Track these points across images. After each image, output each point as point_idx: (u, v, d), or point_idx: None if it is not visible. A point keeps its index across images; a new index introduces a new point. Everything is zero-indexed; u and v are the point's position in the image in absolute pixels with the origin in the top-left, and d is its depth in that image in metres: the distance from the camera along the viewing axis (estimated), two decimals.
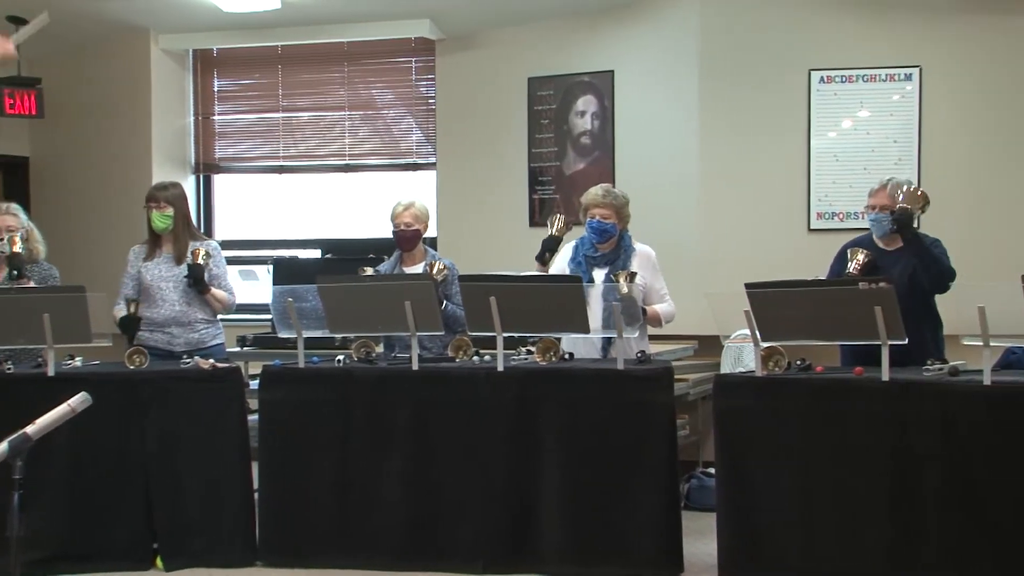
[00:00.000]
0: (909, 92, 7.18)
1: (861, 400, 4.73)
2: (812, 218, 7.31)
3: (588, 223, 5.69)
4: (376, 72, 8.58)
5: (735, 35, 7.35)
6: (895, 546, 4.63)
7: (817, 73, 7.27)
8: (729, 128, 7.36)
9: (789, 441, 4.83)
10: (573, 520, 5.11)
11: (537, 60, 7.90)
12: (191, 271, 5.82)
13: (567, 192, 7.73)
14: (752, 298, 4.84)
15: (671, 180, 7.43)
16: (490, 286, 5.21)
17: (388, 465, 5.33)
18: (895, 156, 7.18)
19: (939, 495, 4.56)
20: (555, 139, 7.88)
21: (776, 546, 4.82)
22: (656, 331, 5.89)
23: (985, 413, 4.50)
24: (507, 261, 6.83)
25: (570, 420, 5.15)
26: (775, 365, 4.99)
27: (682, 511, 5.32)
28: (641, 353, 5.39)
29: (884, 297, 4.63)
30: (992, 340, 4.50)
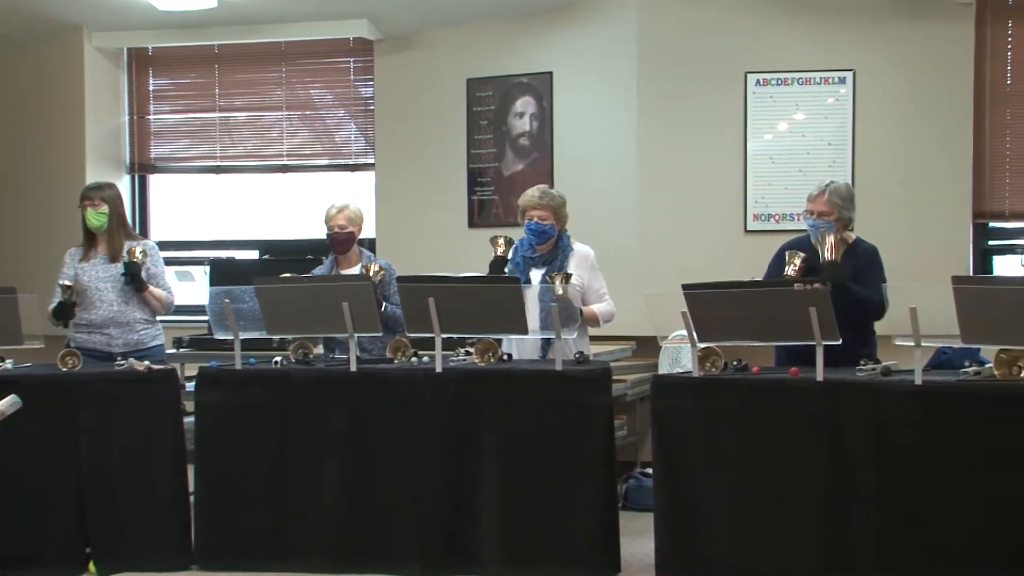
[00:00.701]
0: (843, 95, 7.27)
1: (796, 400, 4.77)
2: (749, 219, 7.37)
3: (526, 225, 5.70)
4: (314, 72, 8.53)
5: (672, 38, 7.40)
6: (830, 545, 4.68)
7: (753, 76, 7.33)
8: (667, 129, 7.41)
9: (726, 441, 4.86)
10: (511, 521, 5.11)
11: (476, 61, 7.89)
12: (128, 268, 5.77)
13: (506, 193, 7.74)
14: (689, 299, 4.87)
15: (609, 181, 7.46)
16: (428, 287, 5.20)
17: (325, 467, 5.30)
18: (830, 158, 7.26)
19: (872, 494, 4.61)
20: (494, 140, 7.88)
21: (713, 546, 4.86)
22: (595, 332, 5.91)
23: (916, 413, 4.56)
24: (446, 262, 6.84)
25: (508, 421, 5.15)
26: (712, 366, 5.02)
27: (620, 511, 5.35)
28: (579, 354, 5.41)
29: (818, 298, 4.68)
30: (923, 340, 4.56)
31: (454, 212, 7.96)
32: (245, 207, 8.83)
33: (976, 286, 4.58)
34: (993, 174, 7.22)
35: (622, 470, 6.58)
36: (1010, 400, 4.45)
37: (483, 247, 5.87)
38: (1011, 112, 7.20)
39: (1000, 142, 7.22)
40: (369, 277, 5.58)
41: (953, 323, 4.48)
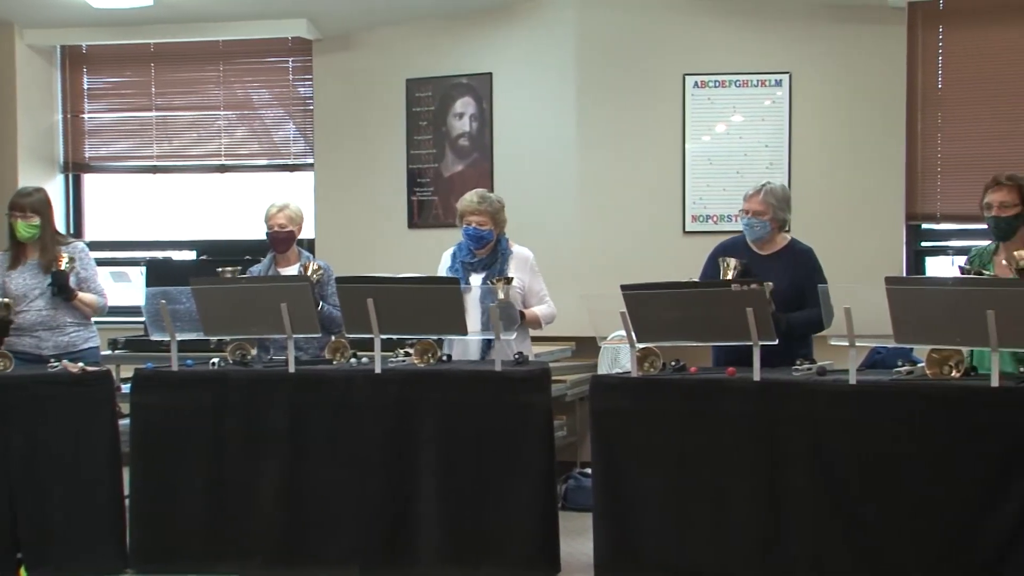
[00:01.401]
0: (780, 98, 7.35)
1: (733, 400, 4.81)
2: (687, 220, 7.43)
3: (464, 230, 5.70)
4: (252, 72, 8.47)
5: (611, 39, 7.44)
6: (767, 544, 4.71)
7: (691, 78, 7.39)
8: (606, 131, 7.44)
9: (664, 441, 4.89)
10: (450, 521, 5.11)
11: (415, 62, 7.88)
12: (54, 278, 5.69)
13: (445, 194, 7.73)
14: (627, 299, 4.89)
15: (549, 182, 7.49)
16: (368, 287, 5.18)
17: (263, 469, 5.27)
18: (767, 160, 7.34)
19: (808, 493, 4.65)
20: (433, 141, 7.87)
21: (651, 545, 4.88)
22: (535, 332, 5.93)
23: (850, 412, 4.61)
24: (386, 263, 6.82)
25: (448, 422, 5.15)
26: (650, 366, 5.05)
27: (560, 511, 5.36)
28: (519, 355, 5.42)
29: (755, 298, 4.72)
30: (857, 340, 4.62)
31: (393, 213, 7.95)
32: (182, 207, 8.75)
33: (908, 287, 4.63)
34: (925, 177, 7.33)
35: (562, 470, 6.59)
36: (941, 399, 4.51)
37: (423, 248, 5.86)
38: (943, 116, 7.31)
39: (932, 145, 7.33)
40: (307, 277, 5.55)
41: (887, 323, 4.54)
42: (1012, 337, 4.36)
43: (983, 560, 4.40)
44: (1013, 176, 4.93)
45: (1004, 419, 4.39)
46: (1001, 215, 4.90)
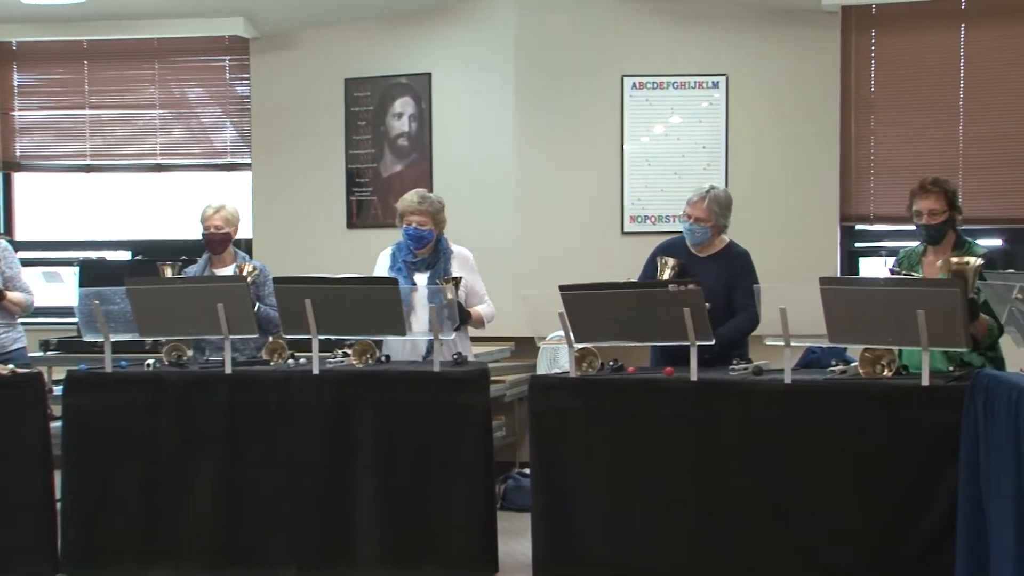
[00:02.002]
0: (717, 99, 7.41)
1: (670, 400, 4.84)
2: (626, 221, 7.47)
3: (404, 230, 5.68)
4: (188, 70, 8.38)
5: (550, 40, 7.46)
6: (702, 542, 4.76)
7: (630, 79, 7.43)
8: (545, 132, 7.46)
9: (602, 440, 4.91)
10: (388, 522, 5.10)
11: (354, 61, 7.85)
12: None
13: (384, 194, 7.71)
14: (566, 300, 4.91)
15: (488, 182, 7.49)
16: (305, 288, 5.16)
17: (199, 470, 5.22)
18: (704, 161, 7.40)
19: (743, 491, 4.70)
20: (372, 141, 7.84)
21: (589, 544, 4.90)
22: (474, 333, 5.92)
23: (785, 411, 4.67)
24: (325, 263, 6.77)
25: (386, 423, 5.14)
26: (589, 366, 5.07)
27: (498, 511, 5.37)
28: (458, 355, 5.42)
29: (692, 299, 4.76)
30: (792, 340, 4.67)
31: (332, 213, 7.91)
32: (117, 207, 8.63)
33: (842, 287, 4.70)
34: (859, 179, 7.43)
35: (500, 470, 6.60)
36: (874, 398, 4.57)
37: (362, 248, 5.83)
38: (875, 118, 7.42)
39: (865, 147, 7.43)
40: (244, 278, 5.51)
41: (821, 323, 4.60)
42: (942, 336, 4.43)
43: (913, 557, 4.47)
44: (938, 181, 5.00)
45: (934, 417, 4.46)
46: (931, 223, 4.98)
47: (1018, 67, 7.22)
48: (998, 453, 4.06)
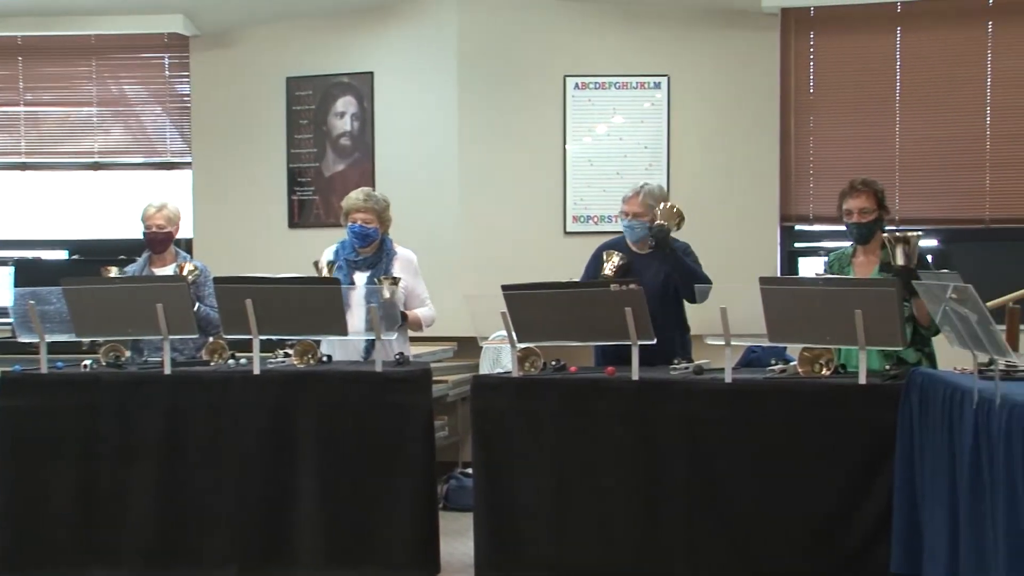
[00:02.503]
0: (659, 100, 7.45)
1: (612, 399, 4.86)
2: (568, 221, 7.49)
3: (349, 227, 5.67)
4: (127, 67, 8.28)
5: (492, 40, 7.46)
6: (644, 540, 4.78)
7: (572, 79, 7.45)
8: (488, 131, 7.46)
9: (544, 440, 4.92)
10: (329, 523, 5.07)
11: (295, 60, 7.80)
12: None
13: (327, 193, 7.68)
14: (508, 300, 4.91)
15: (431, 182, 7.48)
16: (246, 288, 5.12)
17: (138, 472, 5.16)
18: (646, 161, 7.43)
19: (685, 489, 4.73)
20: (314, 140, 7.80)
21: (531, 544, 4.91)
22: (417, 333, 5.91)
23: (726, 409, 4.70)
24: (266, 263, 6.73)
25: (328, 423, 5.11)
26: (531, 366, 5.08)
27: (441, 512, 5.37)
28: (400, 355, 5.41)
29: (634, 298, 4.78)
30: (733, 340, 4.71)
31: (274, 212, 7.86)
32: (53, 206, 8.51)
33: (781, 287, 4.74)
34: (798, 179, 7.52)
35: (443, 471, 6.60)
36: (812, 397, 4.63)
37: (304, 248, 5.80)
38: (814, 120, 7.51)
39: (804, 148, 7.51)
40: (183, 277, 5.46)
41: (761, 322, 4.64)
42: (879, 336, 4.49)
43: (850, 550, 4.53)
44: (867, 181, 5.08)
45: (871, 415, 4.52)
46: (861, 221, 5.05)
47: (952, 70, 7.34)
48: (932, 449, 4.12)
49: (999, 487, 3.42)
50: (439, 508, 5.35)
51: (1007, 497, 3.36)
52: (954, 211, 7.39)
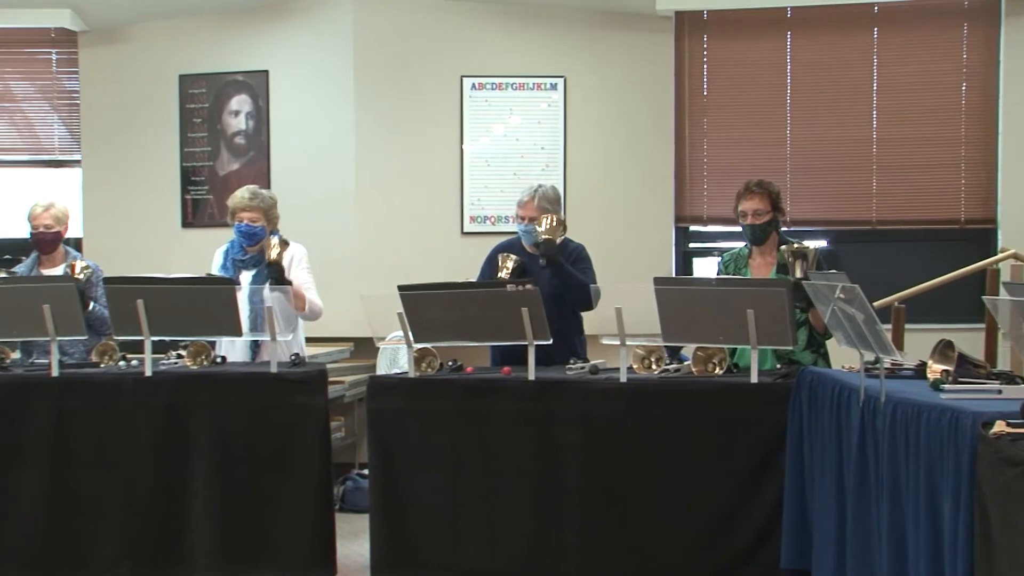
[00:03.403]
0: (555, 101, 7.50)
1: (508, 399, 4.87)
2: (465, 221, 7.50)
3: (236, 226, 5.60)
4: (13, 63, 8.08)
5: (389, 39, 7.44)
6: (538, 539, 4.80)
7: (469, 80, 7.47)
8: (384, 131, 7.44)
9: (440, 441, 4.92)
10: (223, 525, 5.01)
11: (188, 57, 7.69)
12: None
13: (221, 192, 7.56)
14: (405, 300, 4.90)
15: (328, 182, 7.44)
16: (137, 288, 5.04)
17: (25, 477, 5.04)
18: (543, 162, 7.48)
19: (579, 490, 4.76)
20: (208, 139, 7.70)
21: (427, 544, 4.90)
22: (313, 333, 5.86)
23: (621, 409, 4.74)
24: (159, 263, 6.63)
25: (222, 425, 5.05)
26: (428, 366, 5.07)
27: (337, 513, 5.34)
28: (295, 356, 5.36)
29: (530, 299, 4.80)
30: (628, 339, 4.76)
31: (166, 211, 7.74)
32: None
33: (675, 287, 4.80)
34: (693, 180, 7.63)
35: (340, 472, 6.56)
36: (705, 396, 4.69)
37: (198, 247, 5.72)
38: (708, 122, 7.63)
39: (699, 150, 7.63)
40: (73, 277, 5.34)
41: (656, 322, 4.70)
42: (770, 335, 4.57)
43: (742, 547, 4.60)
44: (762, 183, 5.16)
45: (763, 414, 4.59)
46: (756, 223, 5.12)
47: (841, 74, 7.52)
48: (821, 446, 4.21)
49: (884, 482, 3.52)
50: (335, 509, 5.32)
51: (891, 492, 3.45)
52: (842, 212, 7.57)
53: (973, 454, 2.87)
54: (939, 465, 3.09)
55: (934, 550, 3.12)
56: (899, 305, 6.53)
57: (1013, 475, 2.61)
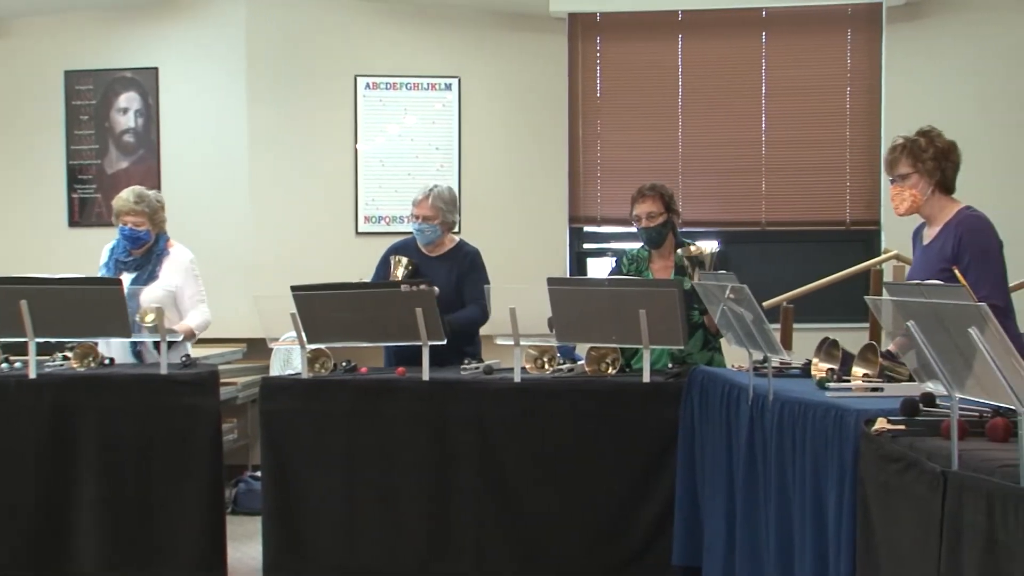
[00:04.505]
0: (450, 101, 7.51)
1: (403, 400, 4.87)
2: (360, 222, 7.46)
3: (120, 229, 5.49)
4: None
5: (282, 38, 7.38)
6: (434, 539, 4.81)
7: (363, 79, 7.43)
8: (277, 130, 7.37)
9: (334, 442, 4.89)
10: (111, 529, 4.92)
11: (74, 53, 7.52)
12: None
13: (109, 191, 7.37)
14: (298, 300, 4.87)
15: (219, 181, 7.34)
16: (20, 288, 4.93)
17: None
18: (438, 162, 7.48)
19: (475, 489, 4.78)
20: (96, 136, 7.54)
21: (321, 546, 4.87)
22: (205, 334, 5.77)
23: (515, 409, 4.77)
24: (44, 263, 6.48)
25: (110, 428, 4.96)
26: (321, 367, 5.04)
27: (229, 516, 5.29)
28: (186, 357, 5.28)
29: (424, 299, 4.80)
30: (522, 340, 4.78)
31: (52, 210, 7.56)
32: None
33: (568, 287, 4.85)
34: (586, 181, 7.69)
35: (232, 474, 6.48)
36: (598, 396, 4.74)
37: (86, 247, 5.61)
38: (601, 123, 7.70)
39: (592, 151, 7.70)
40: None
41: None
42: (661, 335, 4.63)
43: (635, 544, 4.67)
44: (655, 186, 5.22)
45: (655, 413, 4.66)
46: (650, 226, 5.18)
47: (731, 77, 7.66)
48: (712, 444, 4.28)
49: (771, 480, 3.59)
50: (227, 512, 5.26)
51: (778, 489, 3.53)
52: (733, 214, 7.70)
53: (856, 451, 2.94)
54: (824, 462, 3.16)
55: (819, 545, 3.19)
56: (787, 305, 6.66)
57: (893, 471, 2.68)
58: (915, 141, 4.08)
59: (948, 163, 4.07)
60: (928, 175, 4.06)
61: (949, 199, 4.11)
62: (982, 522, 2.24)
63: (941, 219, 4.09)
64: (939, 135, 4.10)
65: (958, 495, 2.35)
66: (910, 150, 4.08)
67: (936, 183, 4.07)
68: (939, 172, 4.06)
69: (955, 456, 2.42)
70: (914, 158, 4.06)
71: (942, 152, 4.06)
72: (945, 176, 4.08)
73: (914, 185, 4.08)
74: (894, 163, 4.12)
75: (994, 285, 3.94)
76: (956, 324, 2.28)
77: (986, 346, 2.19)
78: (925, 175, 4.06)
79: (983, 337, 2.19)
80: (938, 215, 4.10)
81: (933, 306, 2.41)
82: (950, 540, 2.37)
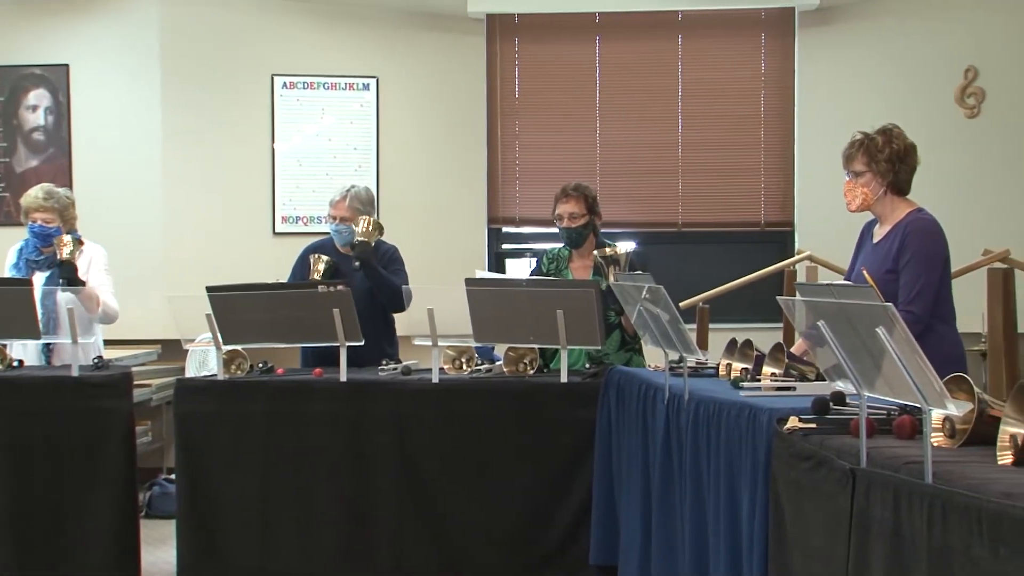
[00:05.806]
0: (368, 101, 7.48)
1: (320, 401, 4.83)
2: (277, 222, 7.41)
3: (30, 227, 5.39)
4: None
5: (197, 36, 7.30)
6: (351, 541, 4.78)
7: (280, 78, 7.38)
8: (193, 130, 7.29)
9: (250, 444, 4.84)
10: (23, 534, 4.83)
11: None
12: None
13: (18, 190, 7.21)
14: (213, 301, 4.82)
15: (133, 180, 7.25)
16: None
17: None
18: (356, 163, 7.45)
19: (393, 491, 4.76)
20: (4, 134, 7.39)
21: (236, 550, 4.82)
22: (117, 336, 5.70)
23: (433, 409, 4.77)
24: None
25: (20, 430, 4.87)
26: (237, 368, 4.99)
27: (143, 519, 5.22)
28: (98, 359, 5.20)
29: (342, 300, 4.77)
30: (440, 340, 4.78)
31: None
32: None
33: (486, 288, 4.85)
34: (505, 182, 7.72)
35: (147, 477, 6.40)
36: (517, 396, 4.74)
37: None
38: (520, 124, 7.73)
39: (511, 152, 7.72)
40: None
41: (468, 323, 4.73)
42: (579, 335, 4.66)
43: (553, 545, 4.68)
44: (579, 187, 5.24)
45: (572, 413, 4.67)
46: (571, 226, 5.20)
47: (648, 79, 7.73)
48: (629, 444, 4.31)
49: (687, 478, 3.63)
50: (141, 515, 5.19)
51: (693, 488, 3.57)
52: (649, 215, 7.77)
53: (769, 449, 2.99)
54: (738, 461, 3.20)
55: (733, 543, 3.23)
56: (703, 305, 6.74)
57: (804, 469, 2.73)
58: (872, 139, 4.04)
59: (904, 165, 4.04)
60: (881, 175, 4.02)
61: (902, 200, 4.08)
62: (889, 517, 2.28)
63: (892, 219, 4.07)
64: (899, 135, 4.06)
65: (866, 491, 2.39)
66: (866, 148, 4.04)
67: (889, 184, 4.03)
68: (892, 173, 4.02)
69: (863, 453, 2.47)
70: (869, 156, 4.03)
71: (898, 154, 4.02)
72: (899, 178, 4.04)
73: (867, 184, 4.05)
74: (850, 159, 4.09)
75: (922, 290, 3.92)
76: (865, 324, 2.32)
77: (893, 346, 2.24)
78: (878, 175, 4.03)
79: (890, 337, 2.24)
80: (889, 215, 4.08)
81: (842, 306, 2.46)
82: (859, 536, 2.42)
